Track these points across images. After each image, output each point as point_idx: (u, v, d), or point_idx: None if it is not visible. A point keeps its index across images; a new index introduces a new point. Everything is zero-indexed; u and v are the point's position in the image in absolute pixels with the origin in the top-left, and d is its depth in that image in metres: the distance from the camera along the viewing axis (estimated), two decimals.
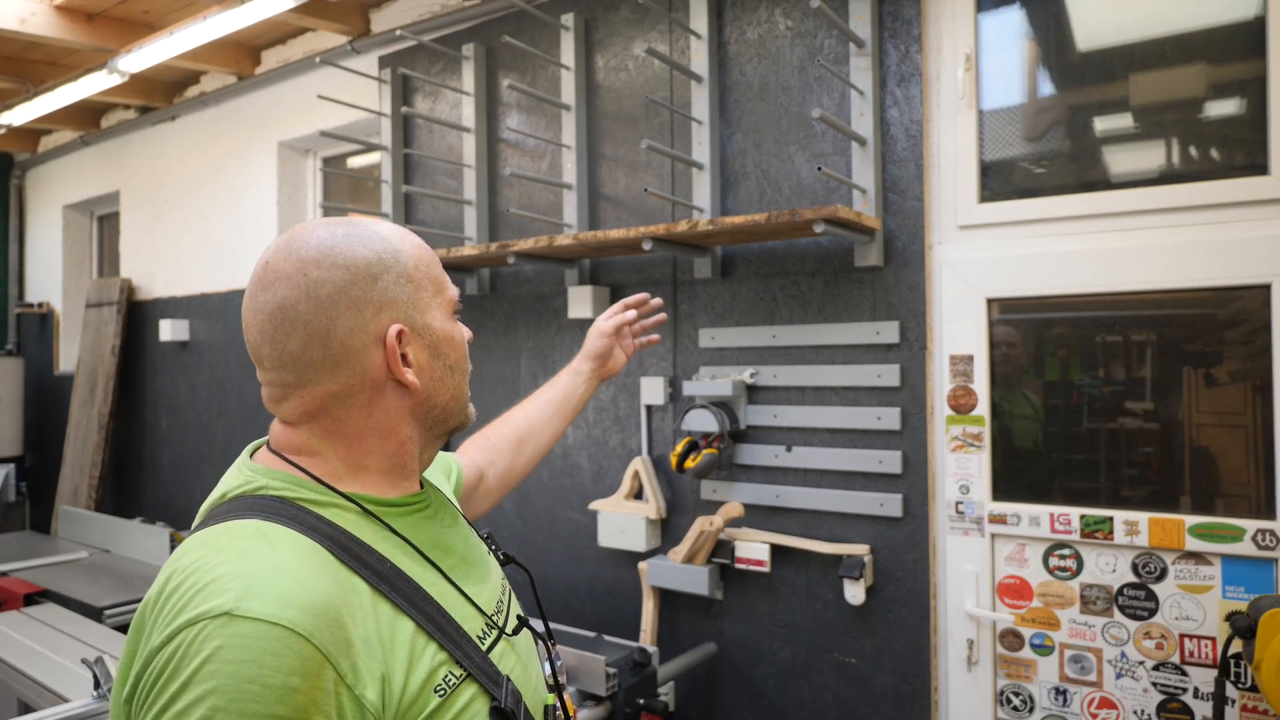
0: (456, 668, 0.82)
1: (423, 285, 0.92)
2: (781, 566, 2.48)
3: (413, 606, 0.82)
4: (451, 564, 0.92)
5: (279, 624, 0.70)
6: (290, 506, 0.84)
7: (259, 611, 0.70)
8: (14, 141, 5.51)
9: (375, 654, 0.76)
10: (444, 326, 0.94)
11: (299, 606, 0.72)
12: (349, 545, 0.82)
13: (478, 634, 0.88)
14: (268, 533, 0.79)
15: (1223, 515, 1.94)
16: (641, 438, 2.75)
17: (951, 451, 2.24)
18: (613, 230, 2.41)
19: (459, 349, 0.96)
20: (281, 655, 0.69)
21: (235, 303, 4.24)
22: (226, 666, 0.68)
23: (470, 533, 1.03)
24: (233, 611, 0.70)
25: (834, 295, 2.41)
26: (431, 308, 0.93)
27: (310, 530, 0.81)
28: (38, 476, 5.57)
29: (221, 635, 0.69)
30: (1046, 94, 2.23)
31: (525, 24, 3.01)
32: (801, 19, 2.46)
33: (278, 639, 0.70)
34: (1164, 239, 2.02)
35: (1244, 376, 1.95)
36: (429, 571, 0.88)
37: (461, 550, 0.97)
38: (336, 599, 0.76)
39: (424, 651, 0.80)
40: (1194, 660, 1.97)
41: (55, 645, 2.69)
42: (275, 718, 0.68)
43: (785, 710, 2.48)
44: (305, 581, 0.75)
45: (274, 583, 0.73)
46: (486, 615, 0.92)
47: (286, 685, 0.69)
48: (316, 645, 0.71)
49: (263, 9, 3.16)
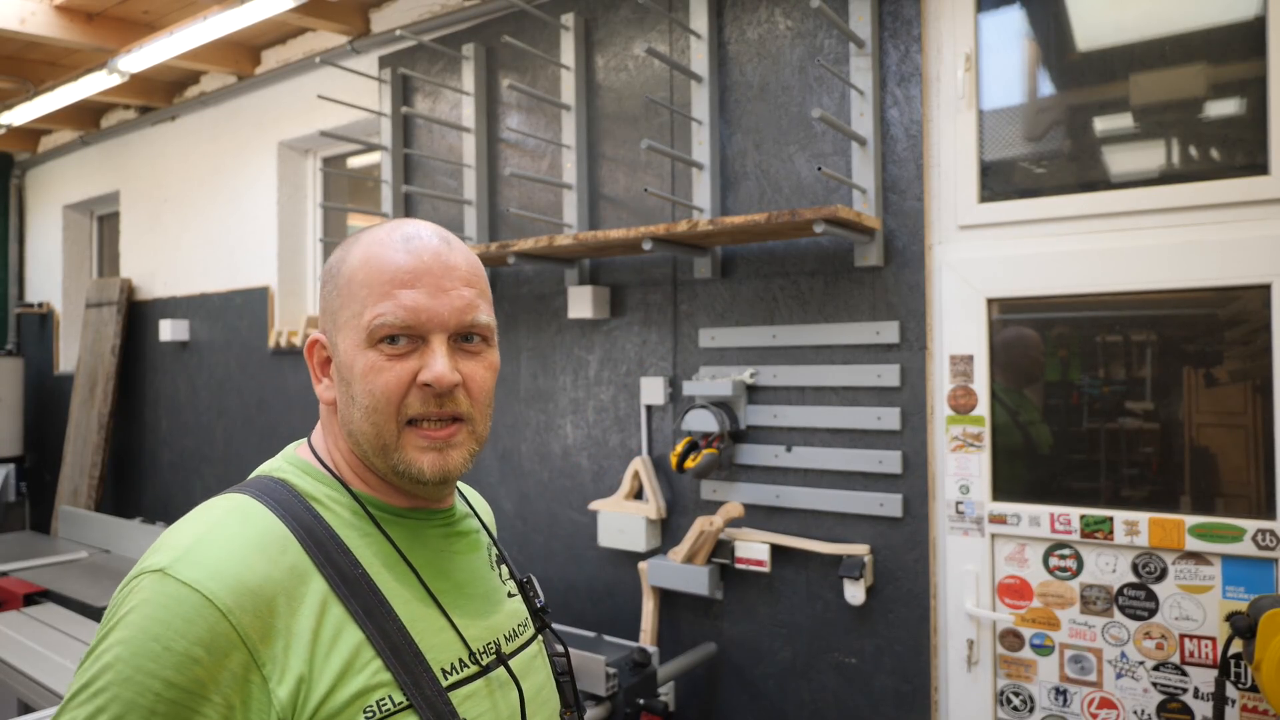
0: (398, 693, 0.76)
1: (350, 298, 0.84)
2: (781, 566, 2.48)
3: (368, 618, 0.77)
4: (444, 588, 0.87)
5: (200, 592, 0.70)
6: (285, 491, 0.83)
7: (186, 576, 0.71)
8: (14, 141, 5.51)
9: (302, 652, 0.73)
10: (348, 351, 0.83)
11: (228, 582, 0.71)
12: (323, 542, 0.80)
13: (446, 665, 0.82)
14: (248, 510, 0.80)
15: (1223, 515, 1.94)
16: (641, 438, 2.75)
17: (951, 451, 2.24)
18: (613, 230, 2.41)
19: (361, 382, 0.82)
20: (193, 623, 0.69)
21: (235, 302, 4.24)
22: (140, 620, 0.69)
23: (485, 567, 0.95)
24: (165, 570, 0.71)
25: (834, 295, 2.41)
26: (345, 327, 0.84)
27: (289, 518, 0.80)
28: (38, 476, 5.57)
29: (149, 590, 0.71)
30: (1046, 94, 2.23)
31: (525, 24, 3.01)
32: (801, 19, 2.46)
33: (193, 606, 0.69)
34: (1164, 239, 2.02)
35: (1244, 376, 1.95)
36: (410, 589, 0.83)
37: (462, 579, 0.90)
38: (277, 586, 0.74)
39: (365, 667, 0.75)
40: (1194, 660, 1.97)
41: (55, 645, 2.69)
42: (168, 683, 0.67)
43: (785, 710, 2.48)
44: (249, 561, 0.74)
45: (215, 554, 0.73)
46: (470, 649, 0.85)
47: (188, 654, 0.68)
48: (233, 624, 0.70)
49: (263, 9, 3.16)
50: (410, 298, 0.81)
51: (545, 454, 3.00)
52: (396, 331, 0.81)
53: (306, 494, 0.84)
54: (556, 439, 2.97)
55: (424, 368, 0.82)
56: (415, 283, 0.82)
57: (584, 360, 2.91)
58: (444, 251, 0.85)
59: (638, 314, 2.79)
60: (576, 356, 2.93)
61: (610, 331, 2.85)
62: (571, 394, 2.94)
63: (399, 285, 0.82)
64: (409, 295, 0.81)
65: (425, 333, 0.82)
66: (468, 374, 0.85)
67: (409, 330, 0.82)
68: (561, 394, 2.96)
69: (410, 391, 0.82)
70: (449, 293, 0.83)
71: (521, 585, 0.99)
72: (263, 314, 4.09)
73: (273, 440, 4.00)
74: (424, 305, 0.82)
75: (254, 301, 4.14)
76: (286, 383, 3.96)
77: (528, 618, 0.97)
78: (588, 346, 2.90)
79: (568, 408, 2.95)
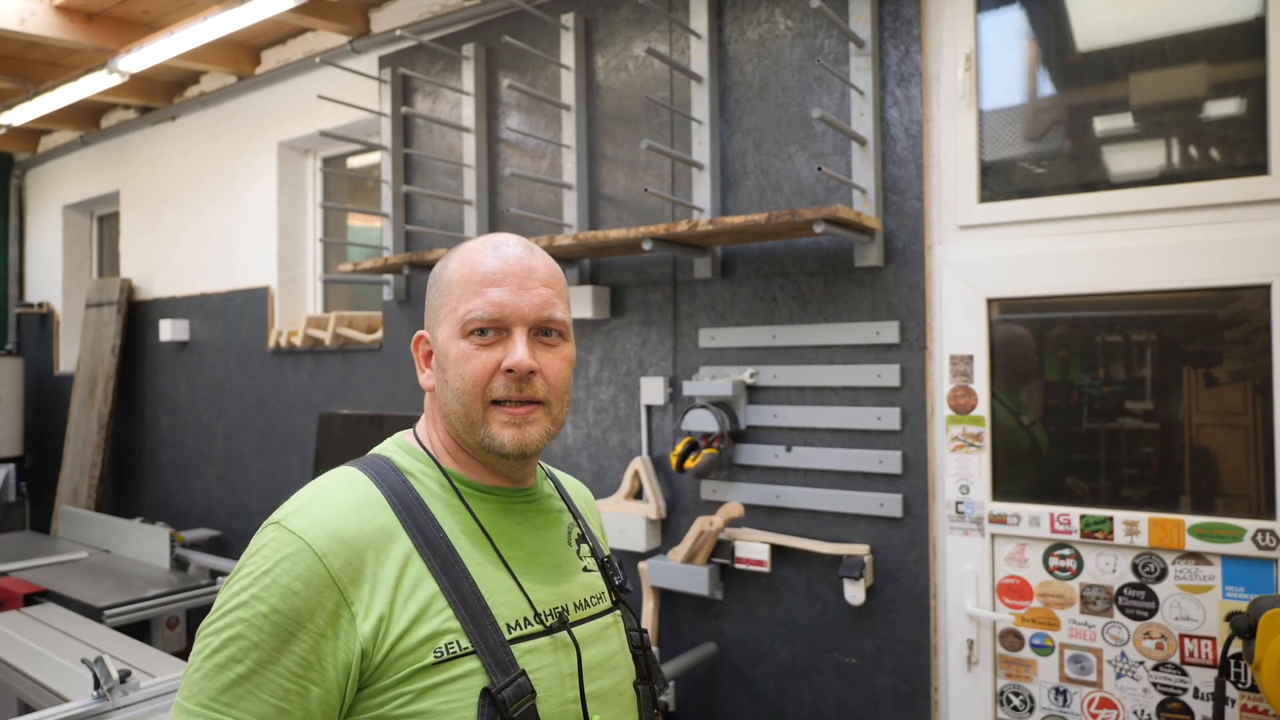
0: (464, 639, 0.87)
1: (448, 297, 0.99)
2: (781, 566, 2.48)
3: (444, 574, 0.90)
4: (515, 555, 0.98)
5: (303, 539, 0.86)
6: (386, 465, 0.98)
7: (294, 526, 0.87)
8: (14, 141, 5.51)
9: (384, 596, 0.86)
10: (445, 342, 0.98)
11: (326, 533, 0.87)
12: (412, 508, 0.93)
13: (511, 621, 0.92)
14: (352, 479, 0.95)
15: (1223, 515, 1.94)
16: (641, 438, 2.75)
17: (951, 451, 2.24)
18: (613, 230, 2.41)
19: (454, 368, 0.96)
20: (295, 562, 0.85)
21: (235, 302, 4.24)
22: (258, 559, 0.86)
23: (561, 542, 1.06)
24: (280, 522, 0.89)
25: (834, 295, 2.41)
26: (444, 322, 0.99)
27: (385, 487, 0.94)
28: (38, 476, 5.57)
29: (268, 537, 0.88)
30: (1046, 94, 2.23)
31: (525, 24, 3.01)
32: (801, 19, 2.46)
33: (297, 549, 0.85)
34: (1164, 239, 2.02)
35: (1244, 376, 1.95)
36: (484, 553, 0.95)
37: (534, 549, 1.01)
38: (368, 540, 0.88)
39: (437, 614, 0.88)
40: (1194, 660, 1.97)
41: (55, 645, 2.69)
42: (273, 608, 0.83)
43: (785, 710, 2.48)
44: (346, 518, 0.89)
45: (319, 511, 0.89)
46: (535, 610, 0.95)
47: (290, 587, 0.83)
48: (327, 566, 0.85)
49: (263, 9, 3.16)
50: (496, 295, 0.96)
51: (545, 453, 2.99)
52: (484, 324, 0.96)
53: (403, 469, 0.98)
54: (557, 439, 2.97)
55: (507, 355, 0.95)
56: (501, 282, 0.96)
57: (584, 360, 2.91)
58: (526, 256, 1.00)
59: (638, 314, 2.79)
60: (577, 356, 2.92)
61: (610, 331, 2.85)
62: (571, 394, 2.93)
63: (487, 285, 0.96)
64: (495, 293, 0.96)
65: (509, 325, 0.96)
66: (544, 363, 0.98)
67: (495, 323, 0.96)
68: None
69: (495, 376, 0.96)
70: (529, 291, 0.97)
71: (602, 564, 1.09)
72: (263, 314, 4.09)
73: (272, 440, 4.01)
74: (508, 301, 0.96)
75: (254, 301, 4.14)
76: (286, 383, 3.96)
77: (604, 592, 1.07)
78: (588, 346, 2.90)
79: None
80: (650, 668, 1.09)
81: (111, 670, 2.15)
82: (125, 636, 2.83)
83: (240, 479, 4.19)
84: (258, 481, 4.08)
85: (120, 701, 2.13)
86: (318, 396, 3.79)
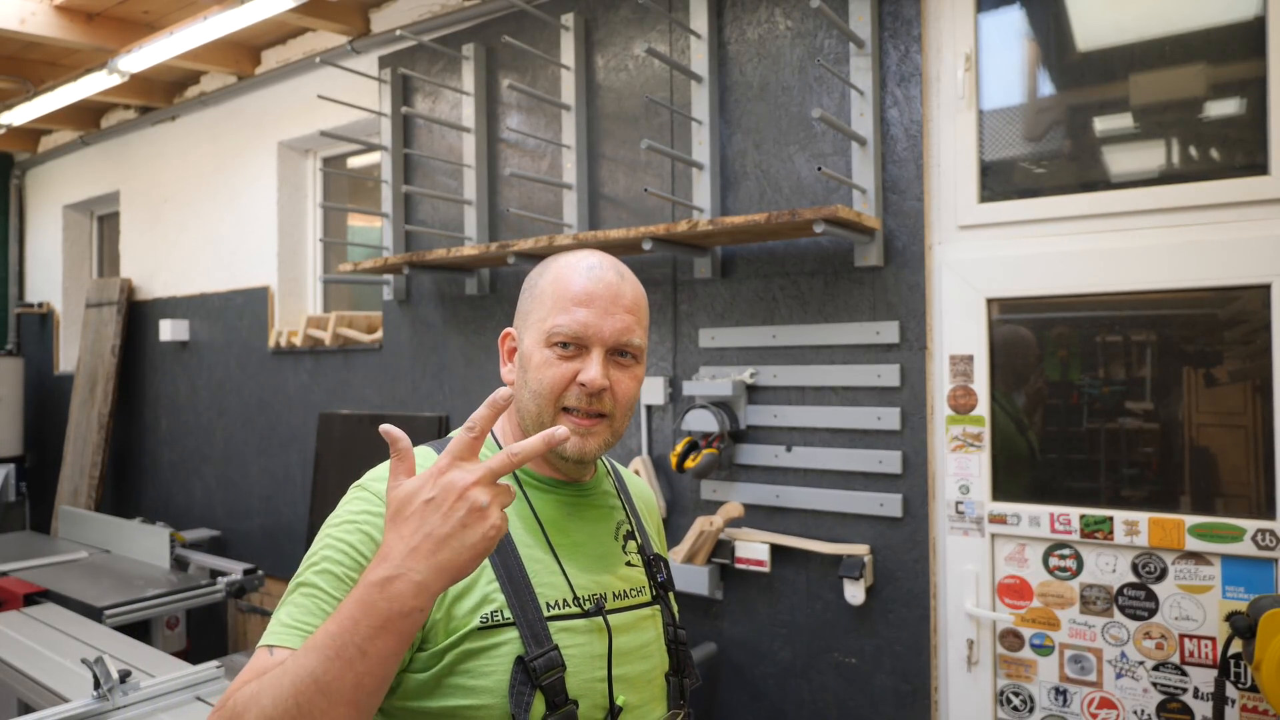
0: (506, 610, 0.96)
1: (540, 304, 1.08)
2: (781, 566, 2.48)
3: (496, 552, 0.98)
4: (562, 543, 1.07)
5: (378, 495, 0.99)
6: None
7: (374, 488, 1.01)
8: (14, 141, 5.51)
9: None
10: (530, 345, 1.07)
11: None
12: None
13: (551, 600, 1.01)
14: (425, 453, 1.06)
15: (1223, 515, 1.94)
16: (641, 438, 2.75)
17: (951, 451, 2.24)
18: (613, 230, 2.41)
19: (535, 372, 1.05)
20: (373, 514, 0.97)
21: (235, 302, 4.24)
22: (344, 512, 1.00)
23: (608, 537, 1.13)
24: (362, 484, 1.03)
25: (834, 295, 2.41)
26: (532, 328, 1.08)
27: None
28: (38, 476, 5.57)
29: (351, 495, 1.03)
30: (1046, 94, 2.23)
31: (525, 24, 3.01)
32: (801, 19, 2.46)
33: (372, 501, 0.99)
34: (1164, 239, 2.02)
35: (1244, 376, 1.95)
36: (534, 538, 1.04)
37: (581, 539, 1.09)
38: None
39: (488, 585, 0.97)
40: (1194, 660, 1.97)
41: (55, 645, 2.69)
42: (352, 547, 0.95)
43: (785, 710, 2.48)
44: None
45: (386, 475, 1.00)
46: (575, 594, 1.03)
47: (367, 532, 0.96)
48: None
49: (263, 9, 3.16)
50: (583, 315, 1.04)
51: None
52: (567, 339, 1.04)
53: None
54: None
55: (583, 370, 1.04)
56: (589, 303, 1.05)
57: None
58: (615, 282, 1.08)
59: None
60: None
61: None
62: None
63: (576, 303, 1.05)
64: (582, 313, 1.04)
65: (589, 344, 1.05)
66: (615, 380, 1.06)
67: (577, 340, 1.04)
68: None
69: (570, 387, 1.04)
70: (613, 316, 1.06)
71: (647, 561, 1.16)
72: (263, 314, 4.09)
73: (272, 440, 4.01)
74: (592, 322, 1.04)
75: (254, 301, 4.14)
76: (286, 383, 3.96)
77: (645, 586, 1.14)
78: None
79: None
80: (684, 662, 1.15)
81: (111, 670, 2.15)
82: (125, 636, 2.83)
83: (240, 479, 4.18)
84: (258, 481, 4.08)
85: (120, 701, 2.13)
86: (318, 396, 3.79)
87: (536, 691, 0.94)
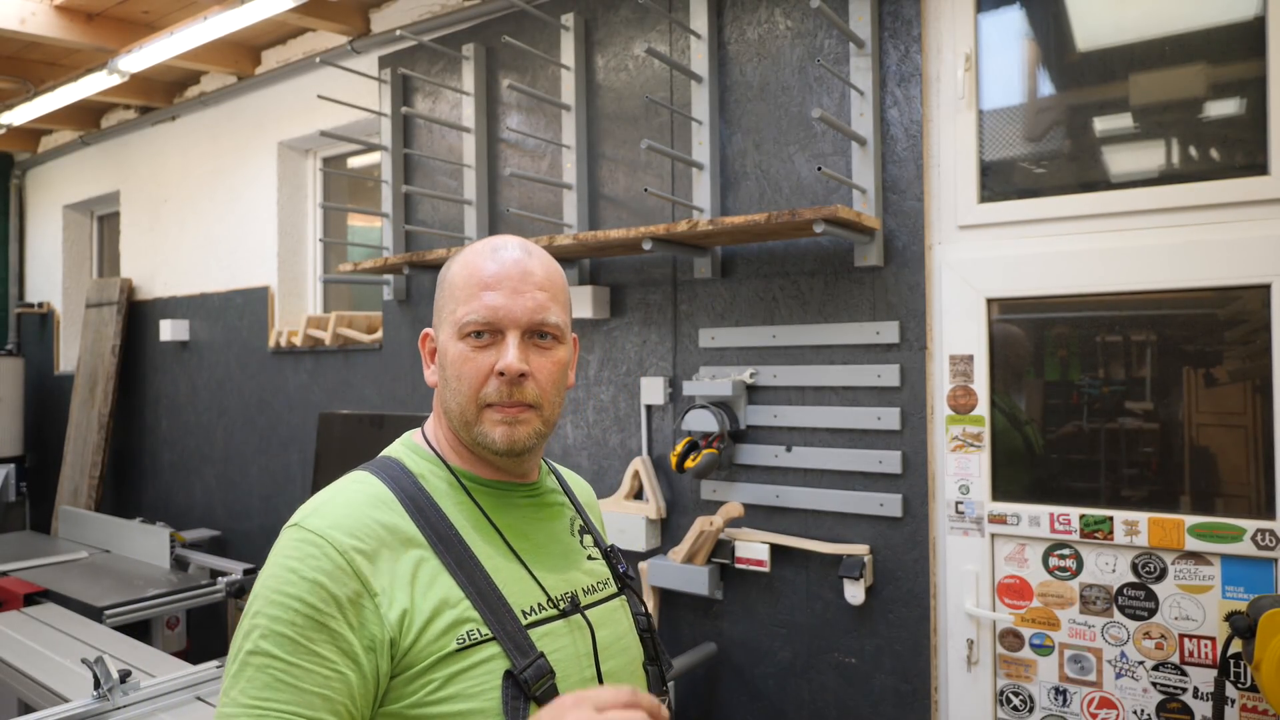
0: (484, 627, 0.92)
1: (450, 297, 1.02)
2: (781, 566, 2.48)
3: (459, 568, 0.94)
4: (524, 546, 1.03)
5: (322, 536, 0.90)
6: (397, 468, 1.02)
7: (312, 526, 0.92)
8: (14, 141, 5.51)
9: (404, 590, 0.91)
10: (445, 341, 1.02)
11: (344, 529, 0.91)
12: (424, 508, 0.98)
13: (526, 607, 0.97)
14: (366, 480, 0.99)
15: (1222, 515, 1.94)
16: (641, 438, 2.75)
17: (951, 451, 2.24)
18: (613, 230, 2.41)
19: (452, 368, 1.00)
20: (317, 558, 0.89)
21: (235, 302, 4.24)
22: (282, 558, 0.90)
23: (565, 533, 1.11)
24: (298, 524, 0.93)
25: (834, 295, 2.41)
26: (445, 323, 1.02)
27: (398, 489, 0.98)
28: (38, 476, 5.57)
29: (286, 539, 0.92)
30: (1046, 94, 2.23)
31: (525, 24, 3.01)
32: (801, 19, 2.46)
33: (317, 545, 0.89)
34: (1164, 239, 2.02)
35: (1244, 376, 1.95)
36: (494, 546, 1.00)
37: (541, 539, 1.06)
38: (383, 537, 0.93)
39: (457, 605, 0.92)
40: (1194, 660, 1.97)
41: (55, 645, 2.69)
42: (302, 601, 0.87)
43: (785, 710, 2.48)
44: (362, 516, 0.93)
45: (335, 510, 0.94)
46: (548, 595, 1.00)
47: (315, 580, 0.87)
48: (347, 560, 0.89)
49: (263, 9, 3.16)
50: (491, 298, 0.99)
51: (545, 453, 2.99)
52: (480, 327, 0.99)
53: (413, 470, 1.02)
54: (556, 439, 2.97)
55: (499, 358, 0.98)
56: (497, 286, 0.99)
57: (584, 360, 2.91)
58: (523, 259, 1.02)
59: (638, 314, 2.79)
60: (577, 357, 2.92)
61: (610, 331, 2.85)
62: (571, 394, 2.94)
63: (484, 288, 0.99)
64: (490, 296, 0.99)
65: (502, 328, 0.99)
66: (536, 367, 1.00)
67: (489, 326, 0.98)
68: None
69: (489, 380, 0.99)
70: (524, 295, 0.99)
71: (605, 553, 1.14)
72: (263, 314, 4.09)
73: (272, 440, 4.01)
74: (502, 304, 0.98)
75: (254, 301, 4.14)
76: (286, 383, 3.96)
77: (609, 578, 1.12)
78: (588, 346, 2.90)
79: (568, 407, 2.95)
80: (657, 649, 1.14)
81: (111, 670, 2.15)
82: (125, 636, 2.83)
83: (240, 479, 4.18)
84: (258, 481, 4.08)
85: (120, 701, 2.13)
86: (318, 396, 3.79)
87: (531, 704, 0.91)
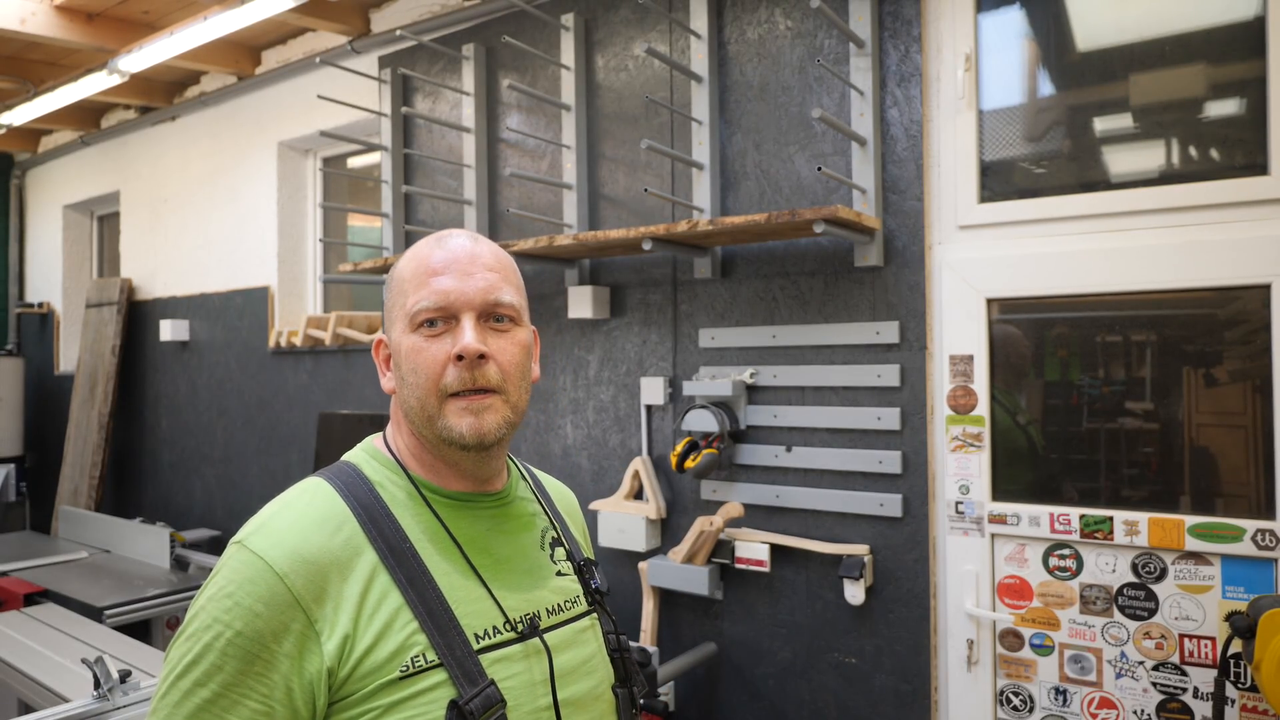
0: (431, 652, 0.87)
1: (400, 293, 0.98)
2: (781, 566, 2.48)
3: (410, 585, 0.89)
4: (485, 562, 0.97)
5: (264, 559, 0.85)
6: (353, 474, 0.97)
7: (255, 546, 0.87)
8: (14, 141, 5.51)
9: (349, 614, 0.86)
10: (398, 338, 0.97)
11: (287, 551, 0.86)
12: (378, 519, 0.92)
13: (480, 630, 0.91)
14: (317, 491, 0.94)
15: (1222, 515, 1.94)
16: (641, 438, 2.75)
17: (951, 451, 2.24)
18: (613, 230, 2.41)
19: (408, 362, 0.95)
20: (256, 583, 0.84)
21: (235, 302, 4.24)
22: (222, 580, 0.86)
23: (534, 547, 1.04)
24: (242, 541, 0.88)
25: (834, 295, 2.41)
26: (397, 320, 0.98)
27: (351, 498, 0.93)
28: (38, 476, 5.57)
29: (229, 557, 0.88)
30: (1046, 94, 2.23)
31: (525, 24, 3.01)
32: (801, 19, 2.46)
33: (257, 570, 0.85)
34: (1164, 239, 2.02)
35: (1244, 376, 1.95)
36: (452, 562, 0.94)
37: (505, 554, 1.00)
38: (331, 557, 0.87)
39: (403, 628, 0.87)
40: (1194, 660, 1.97)
41: (55, 645, 2.69)
42: (237, 631, 0.82)
43: (785, 710, 2.48)
44: (309, 535, 0.88)
45: (281, 529, 0.88)
46: (506, 617, 0.94)
47: (251, 609, 0.83)
48: (289, 586, 0.84)
49: (263, 9, 3.16)
50: (441, 282, 0.95)
51: (545, 454, 3.00)
52: (433, 315, 0.94)
53: (370, 477, 0.97)
54: (556, 439, 2.97)
55: (456, 342, 0.93)
56: (446, 271, 0.95)
57: (584, 360, 2.91)
58: (470, 244, 0.99)
59: (638, 314, 2.79)
60: (576, 356, 2.93)
61: (610, 331, 2.85)
62: (571, 394, 2.94)
63: (432, 275, 0.95)
64: (440, 281, 0.95)
65: (456, 313, 0.95)
66: (496, 350, 0.96)
67: (442, 312, 0.94)
68: (561, 394, 2.96)
69: (448, 368, 0.94)
70: (474, 276, 0.96)
71: (578, 567, 1.08)
72: (263, 314, 4.09)
73: (272, 440, 4.01)
74: (452, 288, 0.95)
75: (254, 301, 4.14)
76: (286, 383, 3.96)
77: (579, 596, 1.06)
78: (588, 346, 2.90)
79: (568, 408, 2.95)
80: (629, 670, 1.08)
81: (111, 670, 2.15)
82: (125, 636, 2.83)
83: (240, 479, 4.18)
84: (258, 481, 4.08)
85: (120, 701, 2.13)
86: (318, 396, 3.79)
87: None
